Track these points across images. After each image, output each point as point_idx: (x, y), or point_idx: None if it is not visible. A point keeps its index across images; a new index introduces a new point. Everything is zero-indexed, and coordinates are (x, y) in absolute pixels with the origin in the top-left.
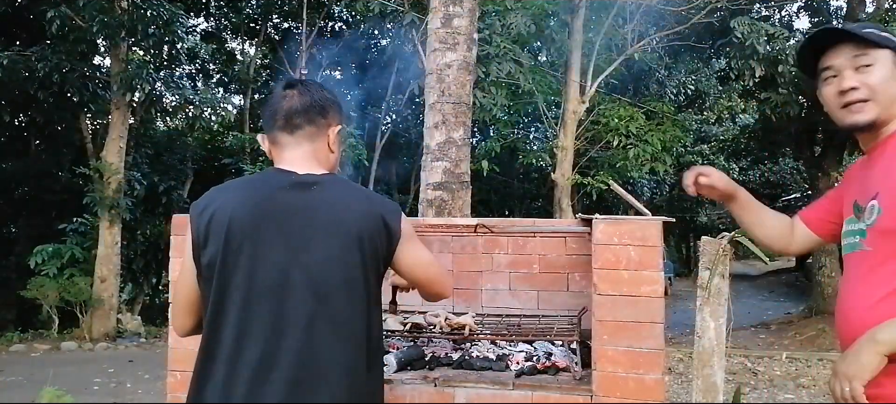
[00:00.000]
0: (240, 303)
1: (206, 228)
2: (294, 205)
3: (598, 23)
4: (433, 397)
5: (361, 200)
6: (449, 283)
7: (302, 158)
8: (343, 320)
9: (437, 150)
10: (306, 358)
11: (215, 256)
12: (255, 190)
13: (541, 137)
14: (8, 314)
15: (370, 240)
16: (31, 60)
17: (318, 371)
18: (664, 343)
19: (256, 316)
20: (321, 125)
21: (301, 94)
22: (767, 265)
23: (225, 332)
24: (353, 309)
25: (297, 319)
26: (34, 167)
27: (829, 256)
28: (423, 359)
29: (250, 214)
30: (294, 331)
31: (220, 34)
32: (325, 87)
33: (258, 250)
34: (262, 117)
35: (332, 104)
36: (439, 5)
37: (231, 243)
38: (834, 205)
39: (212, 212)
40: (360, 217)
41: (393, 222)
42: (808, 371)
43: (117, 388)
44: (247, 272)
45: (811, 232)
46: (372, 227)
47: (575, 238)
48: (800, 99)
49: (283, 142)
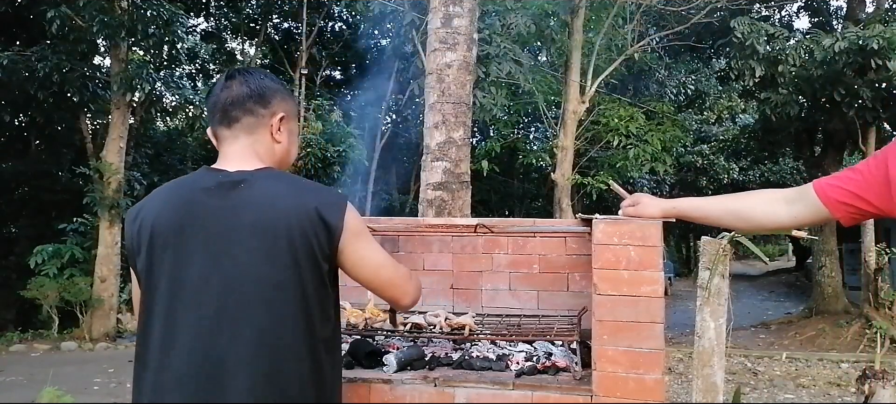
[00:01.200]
0: (164, 312)
1: (137, 236)
2: (217, 208)
3: (598, 23)
4: (433, 397)
5: (292, 195)
6: (407, 290)
7: (238, 153)
8: (272, 327)
9: (437, 150)
10: (232, 367)
11: (144, 264)
12: (179, 193)
13: (541, 137)
14: (8, 314)
15: (302, 236)
16: (31, 60)
17: (243, 379)
18: (664, 343)
19: (179, 326)
20: (261, 115)
21: (240, 85)
22: (767, 265)
23: (151, 341)
24: (280, 312)
25: (221, 328)
26: (34, 167)
27: (829, 256)
28: (423, 359)
29: (171, 220)
30: (219, 341)
31: (220, 34)
32: (269, 75)
33: (180, 257)
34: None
35: (274, 92)
36: (439, 5)
37: (154, 251)
38: (868, 191)
39: (141, 219)
40: (289, 213)
41: (330, 215)
42: (808, 371)
43: (117, 388)
44: (169, 280)
45: (825, 208)
46: (303, 223)
47: (575, 238)
48: (800, 99)
49: (223, 135)
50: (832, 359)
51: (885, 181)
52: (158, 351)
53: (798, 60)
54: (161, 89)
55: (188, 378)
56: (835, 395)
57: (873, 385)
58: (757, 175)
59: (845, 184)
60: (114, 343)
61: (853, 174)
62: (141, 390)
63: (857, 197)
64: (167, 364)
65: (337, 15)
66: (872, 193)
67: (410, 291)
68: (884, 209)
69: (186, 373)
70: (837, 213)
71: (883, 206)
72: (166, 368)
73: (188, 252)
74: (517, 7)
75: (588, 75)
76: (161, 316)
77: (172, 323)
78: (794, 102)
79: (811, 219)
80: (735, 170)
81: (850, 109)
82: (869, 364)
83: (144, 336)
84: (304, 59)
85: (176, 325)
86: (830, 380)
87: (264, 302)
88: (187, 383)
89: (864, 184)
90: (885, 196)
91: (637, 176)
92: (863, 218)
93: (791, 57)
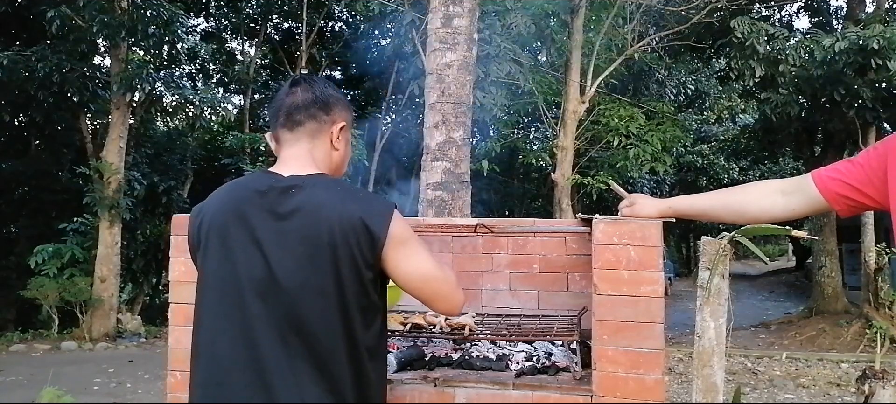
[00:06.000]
0: (212, 309)
1: (197, 232)
2: (269, 210)
3: (598, 23)
4: (433, 397)
5: (338, 202)
6: (456, 299)
7: (296, 156)
8: (310, 329)
9: (437, 150)
10: (274, 369)
11: (200, 260)
12: (234, 193)
13: (541, 137)
14: (8, 314)
15: (345, 244)
16: (31, 60)
17: (288, 379)
18: (664, 343)
19: (225, 321)
20: (323, 121)
21: (304, 91)
22: (767, 265)
23: (202, 334)
24: (322, 318)
25: (265, 328)
26: (34, 167)
27: (829, 256)
28: (423, 359)
29: (225, 218)
30: (259, 338)
31: (220, 34)
32: (331, 84)
33: (230, 256)
34: (268, 115)
35: (336, 100)
36: (439, 5)
37: (209, 247)
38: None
39: (202, 216)
40: (333, 221)
41: (374, 224)
42: (808, 371)
43: (117, 388)
44: (219, 276)
45: (824, 199)
46: (346, 231)
47: (575, 238)
48: (800, 99)
49: (284, 139)
50: (832, 359)
51: (884, 175)
52: (208, 344)
53: (798, 60)
54: (161, 89)
55: (235, 373)
56: (835, 395)
57: (873, 385)
58: (757, 175)
59: (845, 177)
60: (114, 343)
61: (853, 167)
62: (194, 379)
63: (857, 190)
64: (216, 358)
65: (337, 15)
66: (871, 186)
67: (457, 302)
68: (882, 202)
69: (232, 368)
70: (836, 206)
71: (881, 200)
72: (214, 361)
73: (236, 250)
74: (517, 7)
75: (588, 75)
76: (210, 311)
77: (220, 319)
78: (794, 102)
79: (809, 210)
80: (735, 170)
81: (850, 109)
82: (869, 364)
83: (196, 327)
84: (304, 59)
85: (222, 322)
86: (830, 380)
87: (307, 306)
88: (234, 378)
89: (864, 178)
90: (883, 190)
91: (637, 176)
92: (861, 210)
93: (791, 57)
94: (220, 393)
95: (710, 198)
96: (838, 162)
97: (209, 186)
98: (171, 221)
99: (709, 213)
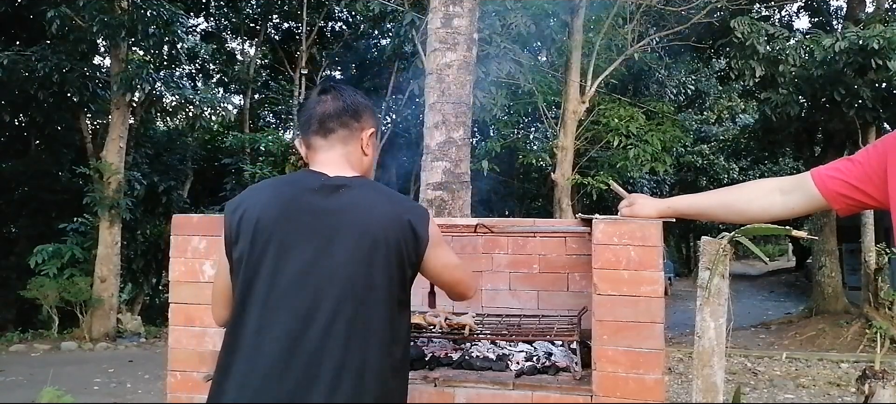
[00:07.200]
0: (262, 300)
1: (237, 226)
2: (321, 207)
3: (598, 23)
4: (433, 397)
5: (388, 204)
6: (473, 284)
7: (334, 161)
8: (362, 323)
9: (437, 150)
10: (323, 358)
11: (243, 253)
12: (284, 190)
13: (541, 137)
14: (8, 314)
15: (395, 244)
16: (31, 60)
17: (335, 372)
18: (664, 343)
19: (277, 314)
20: (354, 128)
21: (335, 99)
22: (767, 265)
23: (247, 328)
24: (373, 312)
25: (315, 319)
26: (34, 167)
27: (829, 256)
28: (423, 359)
29: (277, 214)
30: (312, 331)
31: (220, 34)
32: (358, 92)
33: (282, 249)
34: (298, 122)
35: (365, 108)
36: (439, 5)
37: (257, 241)
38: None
39: (243, 210)
40: (386, 221)
41: (420, 227)
42: (808, 371)
43: (117, 388)
44: (270, 270)
45: (823, 198)
46: (398, 232)
47: (575, 238)
48: (800, 99)
49: (317, 145)
50: (832, 359)
51: (884, 173)
52: (254, 334)
53: (798, 60)
54: (161, 89)
55: (281, 363)
56: (835, 395)
57: (873, 385)
58: (757, 175)
59: (845, 176)
60: (114, 343)
61: (852, 165)
62: (229, 373)
63: (856, 188)
64: (261, 348)
65: (337, 15)
66: (871, 185)
67: (474, 285)
68: (882, 201)
69: (279, 358)
70: (836, 204)
71: (881, 198)
72: (260, 352)
73: (291, 245)
74: (517, 7)
75: (588, 75)
76: (259, 303)
77: (270, 310)
78: (794, 102)
79: (808, 209)
80: (735, 170)
81: (850, 109)
82: (869, 364)
83: (239, 320)
84: (304, 59)
85: (273, 312)
86: (830, 380)
87: (357, 300)
88: (280, 368)
89: (863, 176)
90: (883, 188)
91: (637, 176)
92: (860, 209)
93: (791, 57)
94: (265, 388)
95: (709, 197)
96: (837, 160)
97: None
98: (170, 221)
99: (708, 213)
